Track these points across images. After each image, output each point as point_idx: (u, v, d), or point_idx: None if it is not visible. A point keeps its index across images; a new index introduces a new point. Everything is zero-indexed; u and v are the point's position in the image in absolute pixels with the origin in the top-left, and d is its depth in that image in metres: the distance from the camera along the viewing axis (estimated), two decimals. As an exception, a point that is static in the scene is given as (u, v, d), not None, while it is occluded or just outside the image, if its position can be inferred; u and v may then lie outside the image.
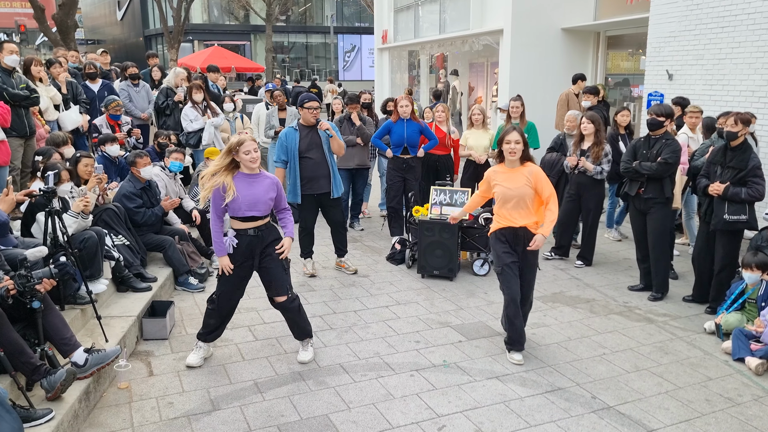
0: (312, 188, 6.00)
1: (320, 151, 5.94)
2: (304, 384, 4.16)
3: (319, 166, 5.94)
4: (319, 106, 5.98)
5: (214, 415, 3.78)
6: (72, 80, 7.87)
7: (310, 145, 5.93)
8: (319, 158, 5.93)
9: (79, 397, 3.60)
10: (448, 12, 15.33)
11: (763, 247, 5.03)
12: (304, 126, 5.97)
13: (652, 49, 9.25)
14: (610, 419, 3.79)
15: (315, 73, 40.09)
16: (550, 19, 12.10)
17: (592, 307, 5.62)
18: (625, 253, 7.21)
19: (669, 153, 5.48)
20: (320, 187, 6.01)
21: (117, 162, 6.65)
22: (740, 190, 5.04)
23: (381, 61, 19.79)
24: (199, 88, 8.14)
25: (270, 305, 4.44)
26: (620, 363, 4.53)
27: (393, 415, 3.81)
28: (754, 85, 7.73)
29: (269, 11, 31.82)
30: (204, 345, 4.48)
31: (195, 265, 6.10)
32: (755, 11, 7.65)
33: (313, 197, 6.05)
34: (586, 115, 6.55)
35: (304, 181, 5.98)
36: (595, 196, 6.56)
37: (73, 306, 4.44)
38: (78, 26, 20.86)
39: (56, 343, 3.73)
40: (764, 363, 4.37)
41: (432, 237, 6.23)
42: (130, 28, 45.53)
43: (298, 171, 5.95)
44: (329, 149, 5.95)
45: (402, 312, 5.46)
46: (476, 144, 7.51)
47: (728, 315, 4.93)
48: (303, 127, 5.97)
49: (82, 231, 4.72)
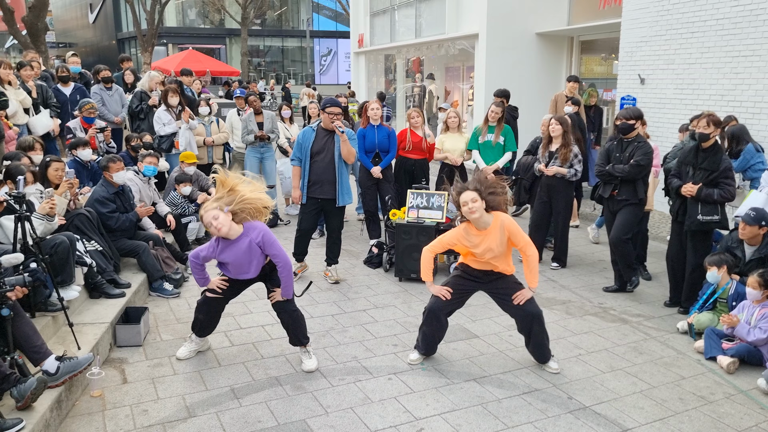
0: (316, 192, 5.96)
1: (330, 155, 5.89)
2: (281, 389, 4.13)
3: (326, 171, 5.90)
4: (341, 111, 5.93)
5: (189, 422, 3.73)
6: (42, 83, 7.74)
7: (322, 148, 5.91)
8: (327, 162, 5.89)
9: (51, 406, 3.52)
10: (423, 16, 15.41)
11: (734, 248, 5.13)
12: (322, 128, 5.95)
13: (624, 54, 9.40)
14: (586, 419, 3.82)
15: (291, 77, 39.95)
16: (524, 23, 12.23)
17: (567, 309, 5.67)
18: (600, 255, 7.30)
19: (641, 155, 5.59)
20: (324, 192, 5.96)
21: (89, 166, 6.54)
22: (713, 191, 5.13)
23: (357, 65, 19.81)
24: (174, 92, 8.06)
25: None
26: (596, 363, 4.58)
27: (371, 419, 3.79)
28: (723, 90, 7.90)
29: (244, 15, 31.66)
30: (197, 338, 4.51)
31: (170, 270, 6.02)
32: (723, 17, 7.82)
33: (316, 201, 6.01)
34: (555, 117, 6.62)
35: (311, 183, 5.95)
36: (565, 198, 6.62)
37: (44, 313, 4.34)
38: (49, 29, 20.54)
39: (26, 351, 3.65)
40: (735, 362, 4.46)
41: (409, 240, 6.24)
42: (102, 31, 44.95)
43: (307, 171, 5.95)
44: (340, 156, 5.90)
45: (380, 315, 5.46)
46: (452, 147, 7.54)
47: (700, 315, 5.01)
48: (321, 129, 5.96)
49: (51, 236, 4.63)
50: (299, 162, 6.00)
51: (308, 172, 5.94)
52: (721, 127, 5.30)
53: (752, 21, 7.49)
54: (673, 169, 5.56)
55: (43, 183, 5.15)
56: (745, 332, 4.52)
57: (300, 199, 6.04)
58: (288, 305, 4.34)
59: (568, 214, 6.74)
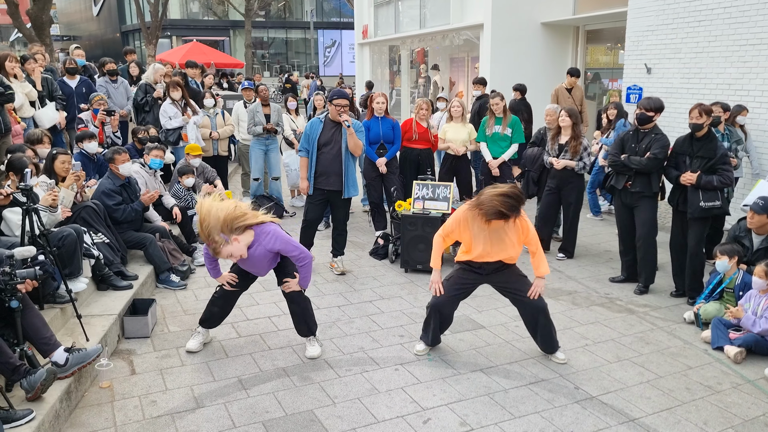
0: (322, 183, 5.97)
1: (338, 147, 5.89)
2: (289, 380, 4.15)
3: (332, 163, 5.90)
4: (348, 103, 5.93)
5: (198, 412, 3.75)
6: (47, 76, 7.74)
7: (329, 139, 5.91)
8: (334, 154, 5.89)
9: (60, 397, 3.55)
10: (428, 7, 15.34)
11: (741, 237, 5.12)
12: (330, 120, 5.95)
13: (630, 43, 9.33)
14: (593, 409, 3.83)
15: (295, 69, 39.84)
16: (529, 13, 12.16)
17: (574, 299, 5.67)
18: (606, 246, 7.29)
19: (658, 148, 5.52)
20: (330, 184, 5.96)
21: (95, 159, 6.56)
22: (712, 178, 5.19)
23: (361, 57, 19.75)
24: (176, 85, 8.05)
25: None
26: (602, 354, 4.58)
27: (378, 409, 3.81)
28: (731, 79, 7.84)
29: (248, 6, 31.56)
30: (203, 330, 4.56)
31: (176, 262, 6.04)
32: (731, 5, 7.75)
33: (323, 192, 6.01)
34: (565, 109, 6.59)
35: (317, 174, 5.96)
36: (576, 189, 6.61)
37: (53, 305, 4.37)
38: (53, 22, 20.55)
39: (36, 342, 3.68)
40: (743, 351, 4.45)
41: (415, 231, 6.24)
42: (106, 23, 44.91)
43: (314, 163, 5.95)
44: (347, 148, 5.89)
45: (386, 306, 5.46)
46: (455, 137, 7.55)
47: (707, 305, 5.00)
48: (329, 121, 5.96)
49: (59, 228, 4.65)
50: (307, 153, 6.00)
51: (315, 163, 5.94)
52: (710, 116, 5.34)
53: (760, 9, 7.41)
54: (669, 159, 5.54)
55: (50, 176, 5.16)
56: (751, 323, 4.51)
57: (307, 190, 6.04)
58: (300, 295, 4.39)
59: (578, 205, 6.72)
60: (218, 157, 8.60)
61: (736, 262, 4.93)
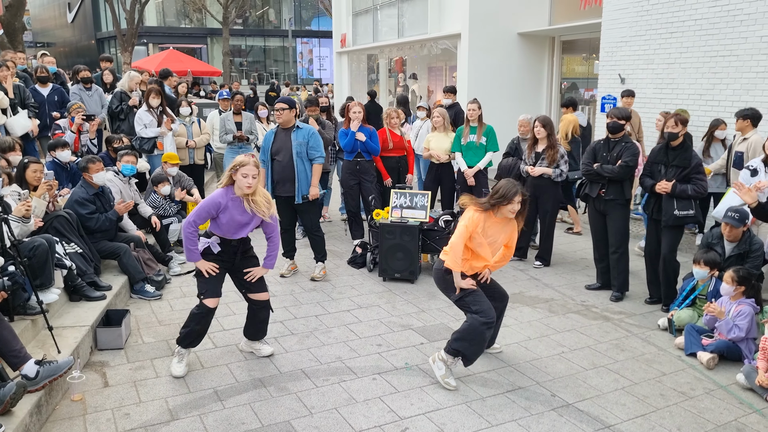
0: (279, 191, 6.08)
1: (288, 154, 5.96)
2: (265, 390, 4.11)
3: (285, 170, 5.99)
4: (285, 107, 5.93)
5: (172, 425, 3.70)
6: (20, 84, 7.63)
7: (279, 147, 6.00)
8: (285, 161, 5.97)
9: (30, 411, 3.47)
10: (406, 16, 15.42)
11: (714, 244, 5.20)
12: (281, 129, 6.05)
13: (604, 54, 9.48)
14: (569, 416, 3.85)
15: (273, 77, 39.73)
16: (506, 23, 12.28)
17: (550, 307, 5.71)
18: (582, 253, 7.36)
19: (629, 156, 5.65)
20: (286, 191, 6.06)
21: (68, 167, 6.46)
22: (687, 187, 5.28)
23: (340, 65, 19.76)
24: (156, 93, 7.98)
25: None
26: (578, 361, 4.61)
27: (356, 419, 3.79)
28: (702, 89, 8.00)
29: (225, 14, 31.45)
30: (185, 351, 4.35)
31: (151, 272, 5.96)
32: (701, 17, 7.92)
33: (283, 199, 6.10)
34: (539, 119, 6.66)
35: (275, 183, 6.07)
36: (552, 198, 6.68)
37: (23, 317, 4.28)
38: (26, 28, 20.25)
39: (5, 355, 3.60)
40: (715, 357, 4.52)
41: (393, 240, 6.24)
42: (81, 30, 44.36)
43: (269, 172, 6.07)
44: (297, 154, 5.95)
45: (364, 316, 5.45)
46: (437, 146, 7.64)
47: (680, 311, 5.07)
48: (280, 130, 6.06)
49: (30, 238, 4.56)
50: (263, 164, 6.08)
51: (271, 172, 6.08)
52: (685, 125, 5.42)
53: (729, 21, 7.59)
54: (644, 168, 5.64)
55: (21, 185, 5.07)
56: (728, 328, 4.57)
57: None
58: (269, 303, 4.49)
59: (554, 213, 6.81)
60: (194, 165, 8.51)
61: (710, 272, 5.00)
